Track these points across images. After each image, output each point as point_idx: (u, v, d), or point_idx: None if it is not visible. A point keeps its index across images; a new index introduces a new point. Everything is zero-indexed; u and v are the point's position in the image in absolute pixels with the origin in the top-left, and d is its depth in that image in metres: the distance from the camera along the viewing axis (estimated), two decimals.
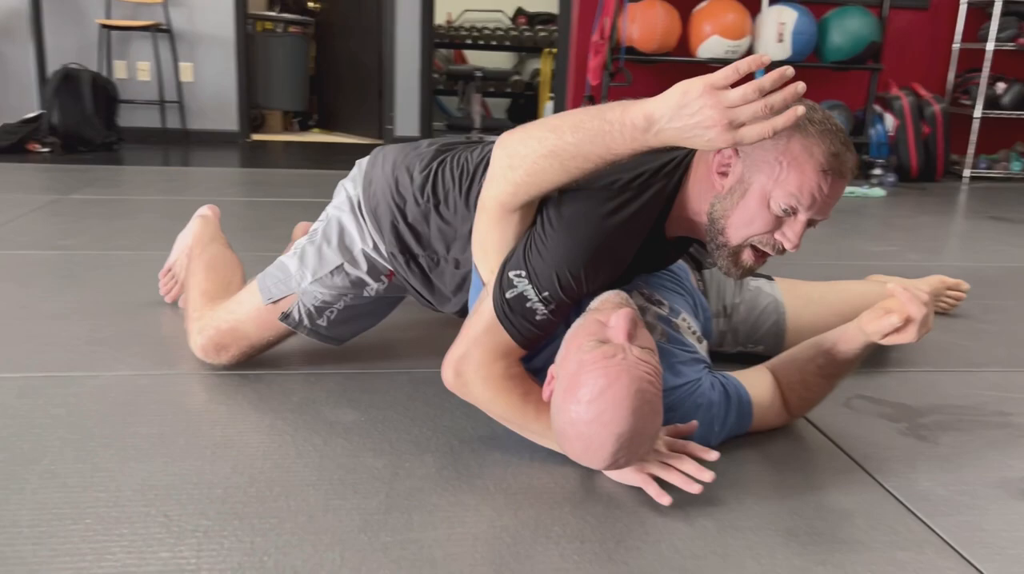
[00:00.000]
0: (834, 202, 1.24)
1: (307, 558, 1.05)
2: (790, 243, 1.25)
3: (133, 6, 5.48)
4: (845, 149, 1.22)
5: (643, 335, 1.20)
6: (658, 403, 1.15)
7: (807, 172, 1.20)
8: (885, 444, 1.46)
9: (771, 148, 1.22)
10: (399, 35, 5.87)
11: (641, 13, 4.54)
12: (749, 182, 1.24)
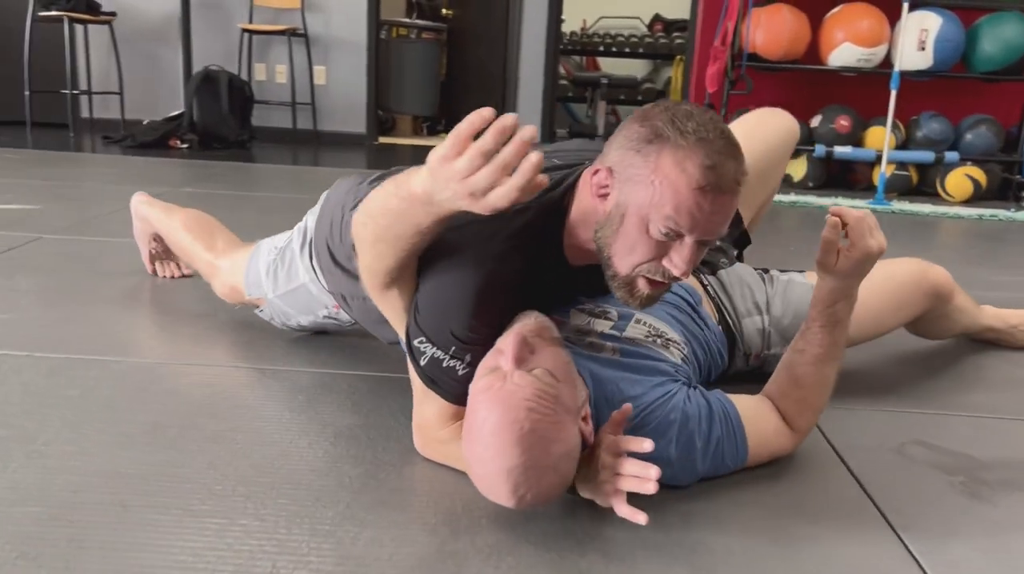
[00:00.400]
0: (724, 219, 1.10)
1: (238, 566, 1.01)
2: (678, 270, 1.11)
3: (274, 12, 5.75)
4: (726, 158, 1.06)
5: (543, 356, 1.09)
6: (551, 429, 1.03)
7: (682, 191, 1.05)
8: (928, 498, 1.28)
9: (641, 166, 1.09)
10: (524, 42, 5.88)
11: (767, 18, 4.32)
12: (625, 206, 1.11)
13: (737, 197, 1.11)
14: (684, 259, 1.11)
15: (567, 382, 1.09)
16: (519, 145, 0.92)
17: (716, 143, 1.06)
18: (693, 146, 1.05)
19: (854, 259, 1.24)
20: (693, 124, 1.07)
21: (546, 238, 1.23)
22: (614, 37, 7.50)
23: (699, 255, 1.15)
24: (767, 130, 1.75)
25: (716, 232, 1.12)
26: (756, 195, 1.73)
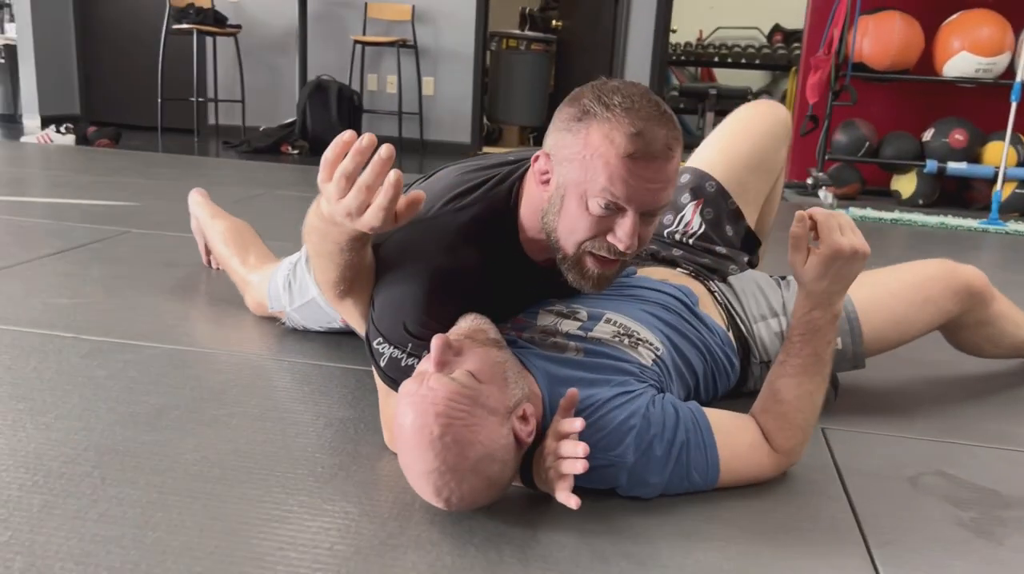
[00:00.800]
0: (662, 186, 1.09)
1: (183, 542, 1.05)
2: (622, 243, 1.11)
3: (386, 24, 5.95)
4: (653, 124, 1.05)
5: (470, 358, 1.08)
6: (465, 432, 1.02)
7: (612, 161, 1.06)
8: (926, 532, 1.18)
9: (573, 144, 1.10)
10: (630, 52, 5.83)
11: (876, 25, 4.12)
12: (564, 186, 1.12)
13: (673, 162, 1.10)
14: (627, 232, 1.11)
15: (493, 383, 1.08)
16: (376, 166, 0.97)
17: (642, 111, 1.07)
18: (619, 116, 1.06)
19: (822, 257, 1.18)
20: (619, 97, 1.08)
21: (498, 232, 1.23)
22: (730, 48, 7.32)
23: (648, 229, 1.15)
24: (753, 120, 1.70)
25: (657, 201, 1.11)
26: (754, 187, 1.67)
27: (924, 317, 1.57)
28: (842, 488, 1.29)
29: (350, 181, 0.98)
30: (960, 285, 1.57)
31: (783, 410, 1.24)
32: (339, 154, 0.99)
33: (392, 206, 0.98)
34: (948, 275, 1.57)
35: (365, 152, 0.97)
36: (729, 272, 1.59)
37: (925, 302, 1.56)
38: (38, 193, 3.46)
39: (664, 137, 1.07)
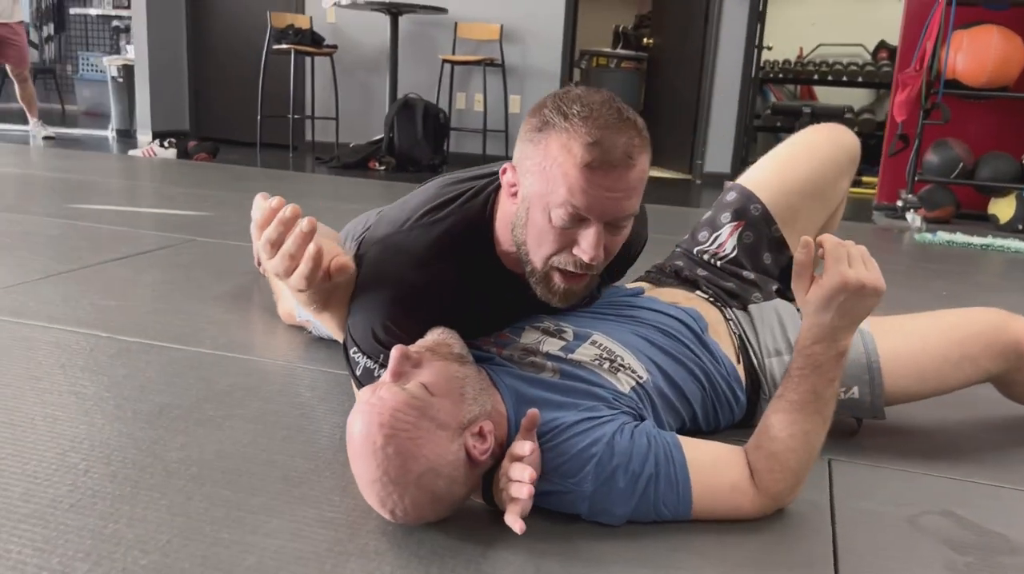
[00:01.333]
0: (625, 196, 1.07)
1: (138, 535, 1.09)
2: (587, 255, 1.09)
3: (475, 43, 6.04)
4: (612, 133, 1.03)
5: (427, 370, 1.08)
6: (408, 445, 1.01)
7: (570, 172, 1.03)
8: None
9: (534, 156, 1.08)
10: (719, 70, 5.72)
11: (971, 40, 3.90)
12: (529, 198, 1.10)
13: (634, 171, 1.07)
14: (591, 243, 1.09)
15: (447, 397, 1.07)
16: (297, 239, 1.02)
17: (600, 119, 1.05)
18: (576, 126, 1.05)
19: (826, 287, 1.11)
20: (577, 106, 1.06)
21: (473, 245, 1.23)
22: (831, 65, 7.07)
23: (615, 239, 1.13)
24: (815, 144, 1.60)
25: (620, 211, 1.09)
26: (806, 216, 1.58)
27: (959, 375, 1.45)
28: (830, 523, 1.22)
29: (275, 247, 1.04)
30: (1007, 344, 1.42)
31: (774, 449, 1.16)
32: (266, 220, 1.04)
33: (314, 275, 1.03)
34: (995, 331, 1.43)
35: (288, 223, 1.03)
36: (752, 300, 1.52)
37: (962, 359, 1.43)
38: (125, 202, 3.67)
39: (623, 145, 1.05)
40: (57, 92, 8.98)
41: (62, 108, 8.86)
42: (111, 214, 3.33)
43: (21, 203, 3.54)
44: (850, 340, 1.16)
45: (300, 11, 6.37)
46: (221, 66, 6.80)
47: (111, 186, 4.21)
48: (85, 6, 8.82)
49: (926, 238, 3.68)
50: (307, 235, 1.03)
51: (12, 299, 2.09)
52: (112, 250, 2.66)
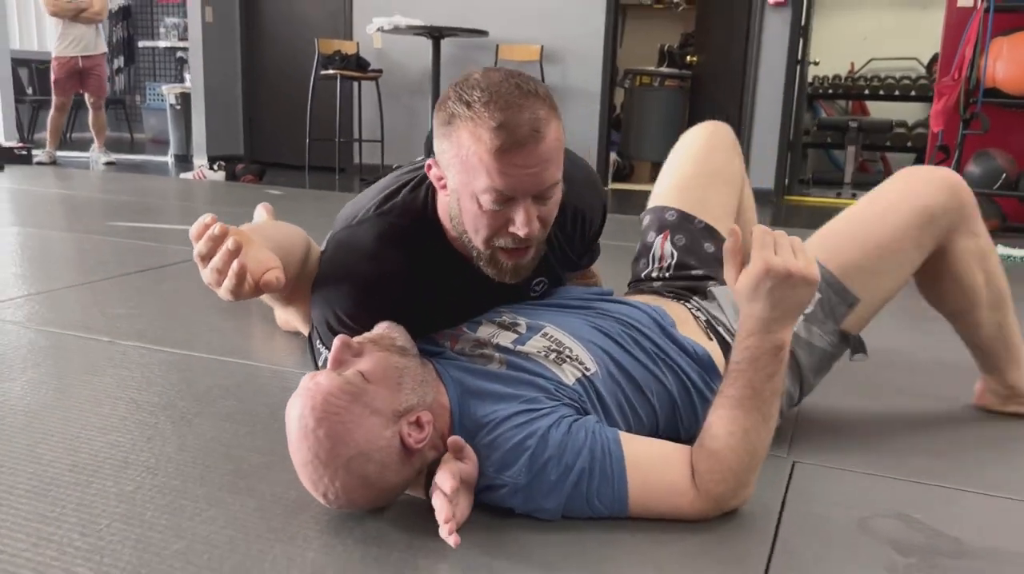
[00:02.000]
0: (544, 168, 1.09)
1: (85, 520, 1.13)
2: (521, 231, 1.12)
3: (516, 64, 6.10)
4: (514, 112, 1.05)
5: (367, 359, 1.10)
6: (338, 429, 1.03)
7: (485, 159, 1.06)
8: None
9: (449, 149, 1.12)
10: (761, 87, 5.65)
11: (1010, 47, 3.78)
12: (456, 190, 1.14)
13: (545, 142, 1.09)
14: (522, 220, 1.13)
15: (383, 385, 1.09)
16: (224, 255, 1.07)
17: (500, 100, 1.07)
18: (479, 113, 1.08)
19: (751, 274, 1.11)
20: (477, 92, 1.09)
21: (420, 235, 1.26)
22: (883, 80, 6.92)
23: (547, 209, 1.16)
24: (694, 142, 1.64)
25: (542, 183, 1.11)
26: (718, 202, 1.60)
27: (893, 222, 1.41)
28: (775, 524, 1.19)
29: (205, 260, 1.09)
30: (941, 177, 1.43)
31: (714, 447, 1.14)
32: (198, 235, 1.09)
33: (239, 288, 1.08)
34: (929, 172, 1.46)
35: (217, 240, 1.08)
36: (709, 287, 1.52)
37: (886, 211, 1.42)
38: (162, 220, 3.82)
39: (528, 121, 1.07)
40: (127, 121, 9.37)
41: (131, 136, 9.24)
42: (145, 231, 3.46)
43: (64, 221, 3.71)
44: (787, 335, 1.14)
45: (347, 37, 6.54)
46: (273, 92, 7.02)
47: (154, 206, 4.38)
48: (154, 39, 9.22)
49: None
50: (232, 253, 1.07)
51: (29, 306, 2.19)
52: (136, 263, 2.77)
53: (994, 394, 1.61)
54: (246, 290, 1.10)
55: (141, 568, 1.02)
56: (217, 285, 1.10)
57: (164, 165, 6.78)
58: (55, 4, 6.12)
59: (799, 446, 1.46)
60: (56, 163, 6.22)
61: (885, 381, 1.77)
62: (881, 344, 1.89)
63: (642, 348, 1.31)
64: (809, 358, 1.40)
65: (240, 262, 1.07)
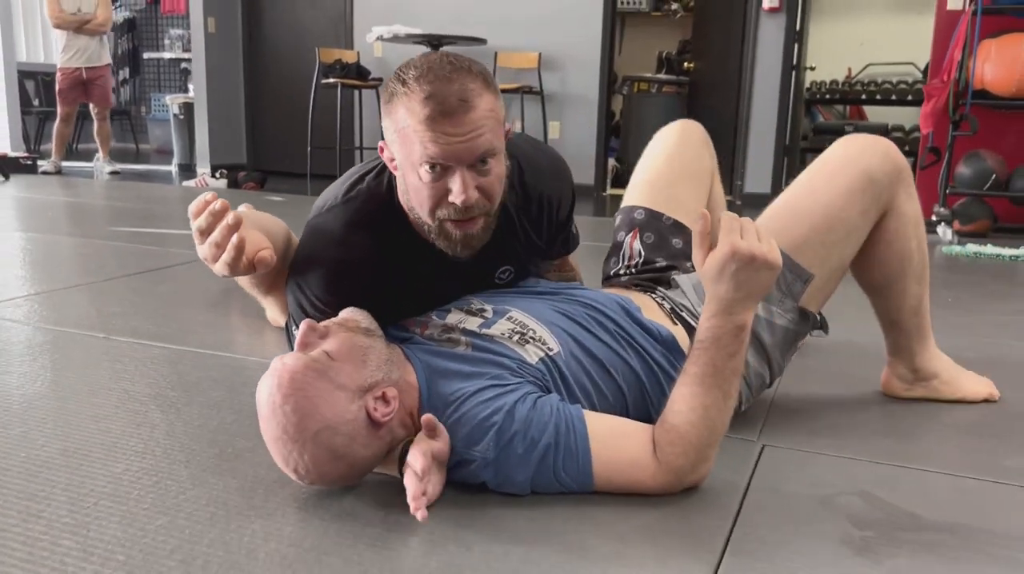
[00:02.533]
0: (475, 136, 1.14)
1: (71, 495, 1.18)
2: (459, 199, 1.17)
3: (514, 71, 6.17)
4: (442, 84, 1.12)
5: (332, 340, 1.16)
6: (305, 403, 1.09)
7: (418, 129, 1.13)
8: (798, 547, 1.11)
9: (390, 126, 1.18)
10: (757, 92, 5.70)
11: (998, 50, 3.82)
12: (401, 164, 1.19)
13: (474, 111, 1.15)
14: (459, 188, 1.17)
15: (348, 362, 1.14)
16: (224, 229, 1.13)
17: (431, 74, 1.14)
18: (412, 87, 1.15)
19: (717, 256, 1.15)
20: (413, 71, 1.16)
21: (385, 219, 1.30)
22: (879, 84, 6.96)
23: (487, 179, 1.20)
24: (663, 142, 1.71)
25: (475, 150, 1.16)
26: (689, 197, 1.66)
27: (835, 189, 1.45)
28: (739, 501, 1.23)
29: (204, 235, 1.15)
30: (882, 147, 1.48)
31: (675, 422, 1.19)
32: (199, 211, 1.16)
33: (236, 263, 1.14)
34: (870, 143, 1.50)
35: (218, 215, 1.14)
36: (671, 277, 1.56)
37: (830, 164, 1.48)
38: (163, 226, 3.88)
39: (456, 92, 1.13)
40: (132, 132, 9.47)
41: (136, 147, 9.33)
42: (145, 235, 3.53)
43: (67, 227, 3.78)
44: (749, 316, 1.19)
45: (348, 46, 6.62)
46: (275, 101, 7.10)
47: (156, 212, 4.44)
48: (158, 51, 9.32)
49: (954, 250, 3.60)
50: (232, 227, 1.13)
51: (28, 305, 2.25)
52: (136, 265, 2.83)
53: (900, 379, 1.66)
54: (242, 265, 1.15)
55: (125, 541, 1.06)
56: (214, 260, 1.15)
57: (168, 174, 6.86)
58: (59, 16, 6.21)
59: (769, 431, 1.50)
60: (61, 173, 6.31)
61: (857, 372, 1.81)
62: (855, 337, 1.93)
63: (607, 330, 1.36)
64: (772, 337, 1.44)
65: (240, 236, 1.12)
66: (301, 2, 6.89)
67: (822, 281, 1.46)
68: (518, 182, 1.37)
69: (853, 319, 1.80)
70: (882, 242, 1.50)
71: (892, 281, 1.53)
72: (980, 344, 2.12)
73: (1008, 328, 2.35)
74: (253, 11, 7.07)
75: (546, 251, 1.52)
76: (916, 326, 1.58)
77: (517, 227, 1.39)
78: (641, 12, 7.63)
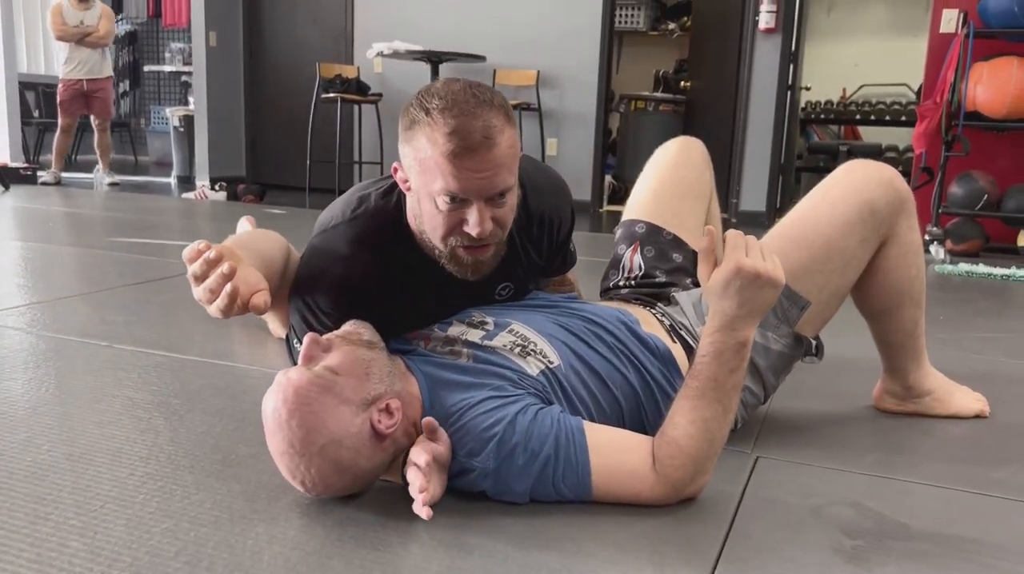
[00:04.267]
0: (495, 172, 1.17)
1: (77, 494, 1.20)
2: (474, 231, 1.19)
3: (513, 89, 6.22)
4: (468, 119, 1.14)
5: (336, 354, 1.18)
6: (310, 418, 1.11)
7: (440, 162, 1.14)
8: (790, 554, 1.13)
9: (410, 153, 1.20)
10: (752, 112, 5.75)
11: (990, 72, 3.88)
12: (417, 191, 1.22)
13: (496, 148, 1.17)
14: (476, 221, 1.20)
15: (352, 376, 1.17)
16: (218, 277, 1.16)
17: (455, 108, 1.16)
18: (436, 119, 1.16)
19: (723, 272, 1.18)
20: (436, 99, 1.17)
21: (390, 236, 1.33)
22: (874, 105, 7.04)
23: (502, 211, 1.23)
24: (667, 157, 1.74)
25: (494, 187, 1.19)
26: (691, 214, 1.69)
27: (836, 219, 1.47)
28: (734, 510, 1.26)
29: (198, 281, 1.18)
30: (882, 175, 1.49)
31: (675, 435, 1.21)
32: (192, 257, 1.19)
33: (229, 309, 1.17)
34: (868, 170, 1.51)
35: (212, 264, 1.17)
36: (672, 294, 1.59)
37: (831, 194, 1.50)
38: (163, 237, 3.90)
39: (480, 128, 1.16)
40: (131, 144, 9.50)
41: (135, 159, 9.36)
42: (145, 246, 3.55)
43: (67, 237, 3.80)
44: (751, 332, 1.22)
45: (348, 62, 6.67)
46: (275, 115, 7.14)
47: (155, 223, 4.47)
48: (159, 63, 9.37)
49: (946, 269, 3.64)
50: (227, 276, 1.16)
51: (31, 313, 2.27)
52: (135, 275, 2.85)
53: (892, 395, 1.69)
54: (235, 310, 1.18)
55: (132, 543, 1.09)
56: (208, 303, 1.19)
57: (167, 186, 6.89)
58: (61, 29, 6.26)
59: (764, 443, 1.53)
60: (61, 183, 6.33)
61: (850, 386, 1.84)
62: (848, 352, 1.96)
63: (605, 343, 1.38)
64: (766, 361, 1.47)
65: (234, 285, 1.15)
66: (302, 18, 6.95)
67: (819, 307, 1.48)
68: (520, 203, 1.40)
69: (846, 334, 1.83)
70: (882, 270, 1.51)
71: (891, 308, 1.56)
72: (970, 360, 2.15)
73: (998, 344, 2.38)
74: (254, 26, 7.13)
75: (545, 268, 1.55)
76: (911, 347, 1.60)
77: (518, 246, 1.42)
78: (639, 31, 7.70)
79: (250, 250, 1.33)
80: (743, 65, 5.71)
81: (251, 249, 1.35)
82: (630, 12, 7.59)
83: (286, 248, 1.55)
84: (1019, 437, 1.61)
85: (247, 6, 7.10)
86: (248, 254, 1.28)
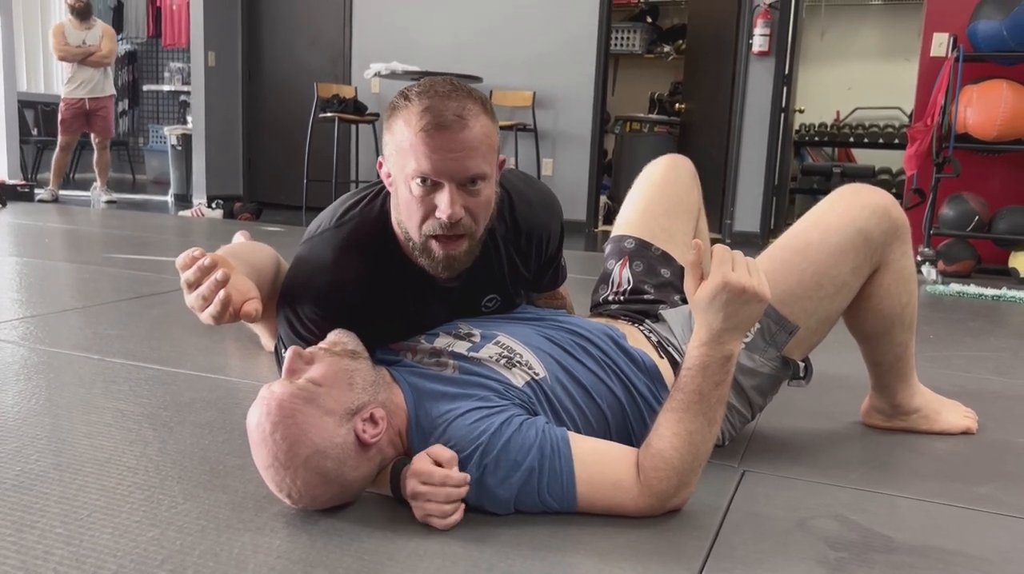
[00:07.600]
0: (465, 154, 1.19)
1: (64, 500, 1.21)
2: (444, 214, 1.21)
3: (509, 109, 6.27)
4: (442, 99, 1.17)
5: (319, 366, 1.19)
6: (293, 430, 1.12)
7: (412, 140, 1.18)
8: (773, 565, 1.14)
9: (389, 140, 1.23)
10: (746, 134, 5.80)
11: (980, 95, 3.92)
12: (394, 178, 1.24)
13: (468, 131, 1.19)
14: (446, 202, 1.21)
15: (335, 387, 1.18)
16: (212, 285, 1.17)
17: (432, 91, 1.20)
18: (413, 102, 1.20)
19: (709, 286, 1.19)
20: (417, 88, 1.22)
21: (376, 244, 1.34)
22: (867, 128, 7.10)
23: (474, 200, 1.24)
24: (656, 174, 1.75)
25: (465, 170, 1.20)
26: (679, 230, 1.70)
27: (827, 247, 1.46)
28: (719, 522, 1.27)
29: (191, 288, 1.19)
30: (878, 202, 1.47)
31: (660, 447, 1.22)
32: (186, 265, 1.21)
33: (221, 315, 1.18)
34: (864, 196, 1.49)
35: (206, 271, 1.19)
36: (659, 310, 1.61)
37: (825, 222, 1.47)
38: (158, 253, 3.92)
39: (454, 108, 1.19)
40: (129, 162, 9.54)
41: (132, 177, 9.40)
42: (140, 262, 3.56)
43: (62, 253, 3.81)
44: (736, 346, 1.22)
45: (346, 82, 6.72)
46: (272, 134, 7.18)
47: (151, 240, 4.48)
48: (158, 83, 9.42)
49: (938, 290, 3.66)
50: (220, 283, 1.17)
51: (24, 327, 2.28)
52: (130, 291, 2.86)
53: (880, 412, 1.70)
54: (227, 317, 1.19)
55: (117, 551, 1.09)
56: (201, 310, 1.19)
57: (164, 204, 6.91)
58: (63, 49, 6.31)
59: (751, 458, 1.53)
60: (58, 201, 6.35)
61: (837, 402, 1.85)
62: (836, 369, 1.98)
63: (591, 356, 1.39)
64: (752, 382, 1.48)
65: (226, 292, 1.17)
66: (301, 39, 7.01)
67: (808, 332, 1.48)
68: (508, 214, 1.41)
69: (836, 351, 1.84)
70: (874, 296, 1.52)
71: (881, 332, 1.56)
72: (959, 378, 2.16)
73: (986, 363, 2.39)
74: (253, 47, 7.19)
75: (534, 283, 1.56)
76: (899, 368, 1.61)
77: (503, 257, 1.43)
78: (634, 54, 7.77)
79: (242, 259, 1.34)
80: (737, 88, 5.77)
81: (243, 258, 1.36)
82: (626, 35, 7.67)
83: (276, 259, 1.56)
84: (1005, 454, 1.62)
85: (246, 27, 7.17)
86: (240, 263, 1.30)
